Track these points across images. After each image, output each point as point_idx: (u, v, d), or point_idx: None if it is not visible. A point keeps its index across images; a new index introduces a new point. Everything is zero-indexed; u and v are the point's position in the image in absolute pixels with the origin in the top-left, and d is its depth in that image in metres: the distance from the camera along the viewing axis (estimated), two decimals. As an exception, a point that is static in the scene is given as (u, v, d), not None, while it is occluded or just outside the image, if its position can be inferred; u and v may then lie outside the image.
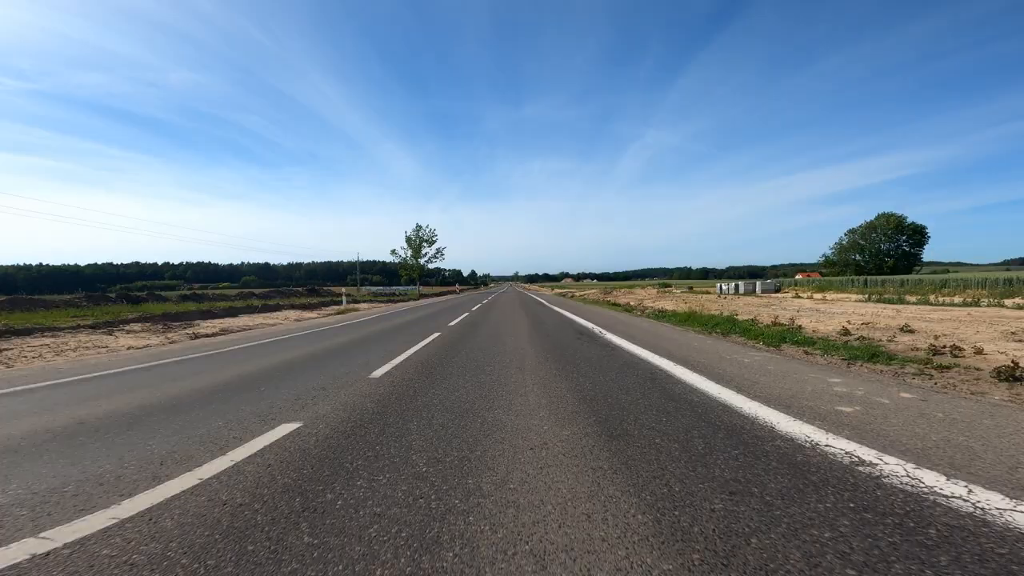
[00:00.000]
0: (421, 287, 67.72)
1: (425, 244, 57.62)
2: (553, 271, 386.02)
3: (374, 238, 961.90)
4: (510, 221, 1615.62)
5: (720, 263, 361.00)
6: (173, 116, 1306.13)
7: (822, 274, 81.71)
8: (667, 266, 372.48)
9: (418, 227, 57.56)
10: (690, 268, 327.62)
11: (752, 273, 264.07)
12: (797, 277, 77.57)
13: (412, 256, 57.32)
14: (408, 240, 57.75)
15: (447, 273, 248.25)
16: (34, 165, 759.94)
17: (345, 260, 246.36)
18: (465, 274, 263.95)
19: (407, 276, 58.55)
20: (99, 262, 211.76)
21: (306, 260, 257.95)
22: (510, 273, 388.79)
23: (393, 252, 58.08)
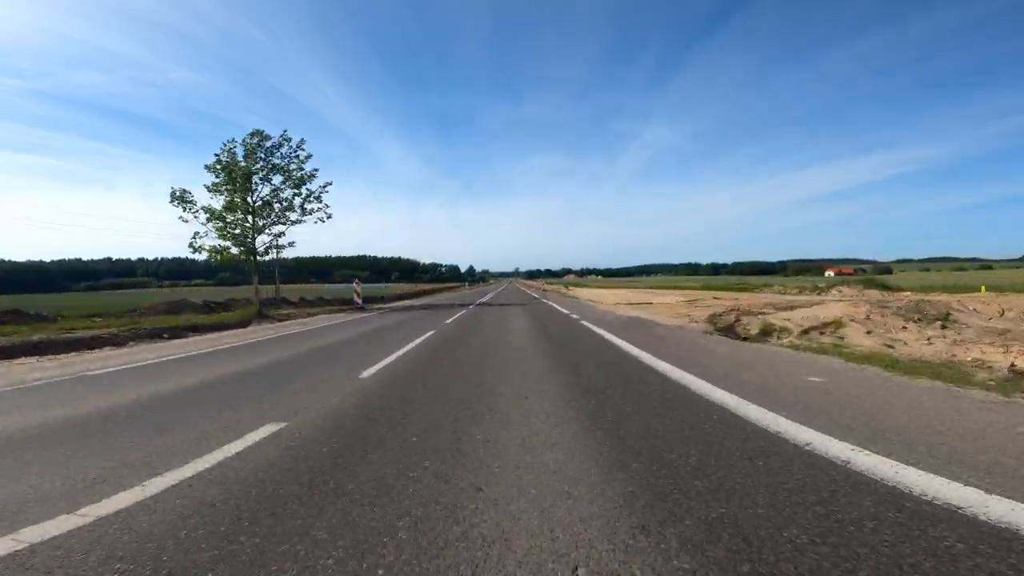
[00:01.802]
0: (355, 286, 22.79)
1: (285, 180, 19.24)
2: (555, 267, 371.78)
3: (374, 235, 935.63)
4: (511, 218, 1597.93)
5: (720, 260, 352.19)
6: (173, 115, 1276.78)
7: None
8: (671, 262, 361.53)
9: (259, 136, 18.70)
10: (699, 264, 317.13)
11: (764, 270, 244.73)
12: (828, 274, 69.42)
13: (242, 208, 18.49)
14: (222, 167, 18.32)
15: (443, 269, 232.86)
16: (35, 164, 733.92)
17: (333, 255, 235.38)
18: (463, 270, 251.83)
19: (220, 262, 19.15)
20: (67, 258, 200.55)
21: (290, 255, 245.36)
22: (511, 269, 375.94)
23: (180, 199, 17.74)
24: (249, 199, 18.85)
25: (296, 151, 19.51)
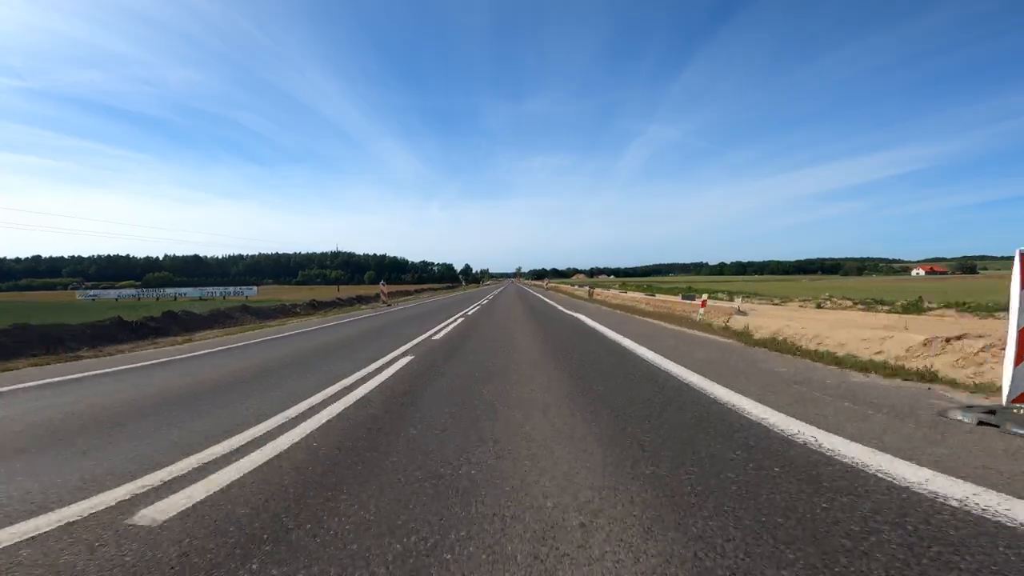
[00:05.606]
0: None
1: None
2: (561, 267, 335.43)
3: (373, 233, 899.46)
4: (512, 217, 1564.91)
5: (732, 259, 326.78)
6: (169, 114, 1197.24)
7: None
8: (681, 261, 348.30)
9: None
10: (722, 263, 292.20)
11: (802, 268, 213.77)
12: (918, 272, 61.40)
13: None
14: None
15: (435, 268, 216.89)
16: (32, 164, 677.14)
17: (303, 251, 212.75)
18: (459, 269, 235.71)
19: None
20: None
21: (248, 252, 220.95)
22: (512, 269, 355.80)
23: None
24: None
25: None
